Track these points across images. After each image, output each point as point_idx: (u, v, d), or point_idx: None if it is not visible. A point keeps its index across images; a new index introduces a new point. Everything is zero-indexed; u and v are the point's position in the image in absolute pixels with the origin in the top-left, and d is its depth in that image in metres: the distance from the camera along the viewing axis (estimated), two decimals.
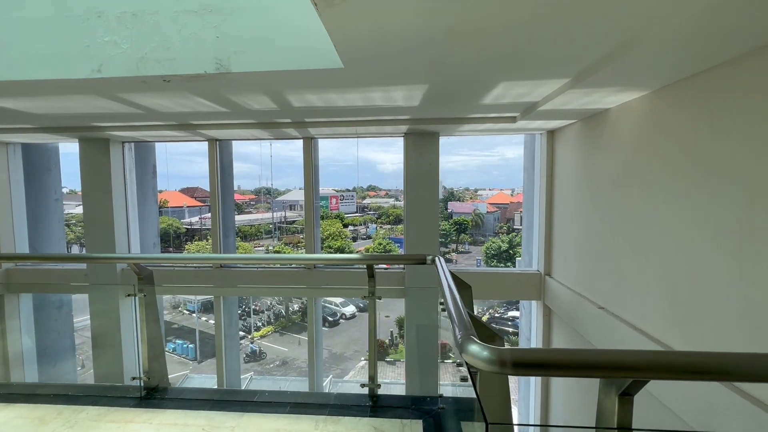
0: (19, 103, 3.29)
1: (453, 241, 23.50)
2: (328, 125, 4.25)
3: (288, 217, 25.13)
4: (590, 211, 3.56)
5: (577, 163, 3.89)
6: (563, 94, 2.83)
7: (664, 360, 0.72)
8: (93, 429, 1.87)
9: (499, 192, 27.17)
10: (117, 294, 2.26)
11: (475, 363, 0.80)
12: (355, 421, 1.92)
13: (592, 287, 3.54)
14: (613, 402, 0.86)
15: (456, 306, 1.09)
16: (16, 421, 1.93)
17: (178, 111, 3.54)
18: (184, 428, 1.88)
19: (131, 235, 5.35)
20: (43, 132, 4.48)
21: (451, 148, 37.68)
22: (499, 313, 18.07)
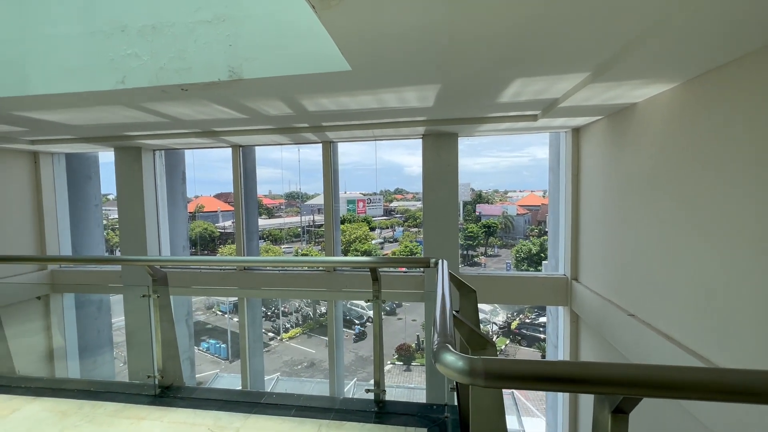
0: (58, 116, 3.53)
1: (481, 245, 23.00)
2: (345, 128, 4.27)
3: (316, 221, 25.56)
4: (619, 211, 3.35)
5: (604, 162, 3.68)
6: (584, 89, 2.69)
7: (654, 376, 0.64)
8: (109, 424, 1.95)
9: (530, 193, 26.33)
10: (138, 295, 2.35)
11: (447, 373, 0.75)
12: (359, 426, 1.88)
13: (622, 293, 3.32)
14: (606, 419, 0.78)
15: (442, 311, 1.03)
16: (41, 414, 2.06)
17: (200, 119, 3.68)
18: (192, 427, 1.92)
19: (162, 238, 5.61)
20: (82, 142, 4.80)
21: (480, 150, 36.93)
22: (529, 319, 17.45)
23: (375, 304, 2.07)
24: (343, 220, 22.63)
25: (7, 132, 4.21)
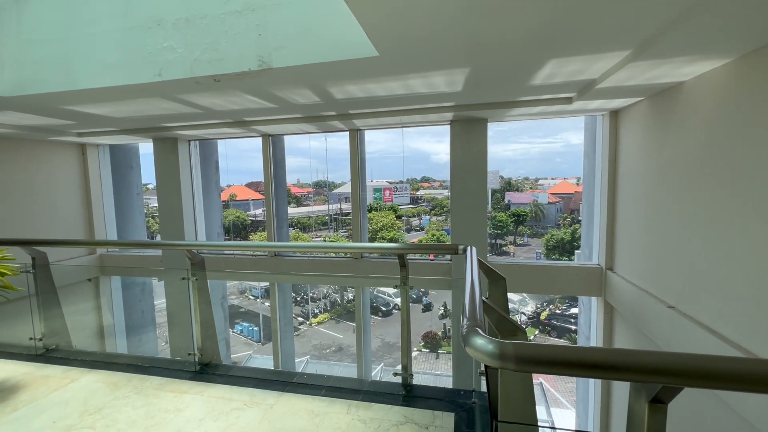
0: (101, 109, 3.73)
1: (510, 233, 22.49)
2: (372, 116, 4.25)
3: (343, 209, 25.84)
4: (660, 198, 3.17)
5: (644, 146, 3.47)
6: (625, 68, 2.53)
7: (699, 365, 0.61)
8: (154, 396, 2.11)
9: (563, 181, 25.36)
10: (178, 278, 2.50)
11: (476, 356, 0.74)
12: (387, 408, 1.93)
13: (661, 284, 3.16)
14: (643, 409, 0.75)
15: (471, 296, 1.03)
16: (95, 384, 2.25)
17: (231, 108, 3.78)
18: (230, 402, 2.04)
19: (198, 225, 5.88)
20: (124, 134, 5.06)
21: (509, 136, 35.58)
22: (560, 310, 17.01)
23: (402, 290, 2.09)
24: (370, 208, 22.76)
25: (58, 125, 4.50)
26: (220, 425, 1.85)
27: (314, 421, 1.85)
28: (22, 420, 1.94)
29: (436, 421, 1.83)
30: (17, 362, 2.60)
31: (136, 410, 1.99)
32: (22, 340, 2.83)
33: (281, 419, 1.88)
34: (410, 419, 1.85)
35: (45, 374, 2.42)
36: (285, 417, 1.90)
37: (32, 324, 2.84)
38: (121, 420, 1.92)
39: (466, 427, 1.79)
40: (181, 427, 1.85)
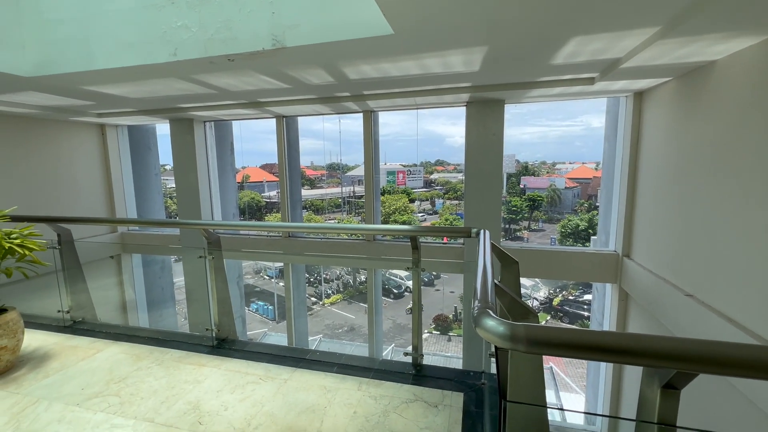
0: (119, 89, 3.78)
1: (525, 219, 22.18)
2: (386, 97, 4.19)
3: (356, 192, 25.84)
4: (683, 183, 3.06)
5: (670, 129, 3.34)
6: (653, 47, 2.41)
7: (715, 352, 0.60)
8: (174, 368, 2.20)
9: (581, 165, 24.69)
10: (195, 256, 2.57)
11: (487, 337, 0.75)
12: (397, 386, 1.97)
13: (679, 271, 3.09)
14: (655, 394, 0.75)
15: (483, 278, 1.02)
16: (119, 355, 2.36)
17: (246, 89, 3.77)
18: (246, 376, 2.12)
19: (214, 206, 5.98)
20: (141, 114, 5.12)
21: (527, 118, 34.55)
22: (573, 296, 16.87)
23: (414, 272, 2.10)
24: (383, 191, 22.70)
25: (78, 106, 4.58)
26: (236, 397, 1.93)
27: (326, 396, 1.91)
28: (54, 386, 2.06)
29: (446, 400, 1.86)
30: (47, 333, 2.75)
31: (158, 380, 2.09)
32: (51, 312, 2.98)
33: (295, 393, 1.95)
34: (420, 397, 1.89)
35: (73, 344, 2.55)
36: (298, 391, 1.97)
37: (60, 297, 2.98)
38: (144, 389, 2.02)
39: (474, 407, 1.82)
40: (200, 397, 1.94)
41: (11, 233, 2.30)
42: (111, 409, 1.86)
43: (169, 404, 1.88)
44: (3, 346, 2.16)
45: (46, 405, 1.89)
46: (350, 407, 1.82)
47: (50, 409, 1.86)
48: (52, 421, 1.77)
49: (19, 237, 2.30)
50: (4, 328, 2.16)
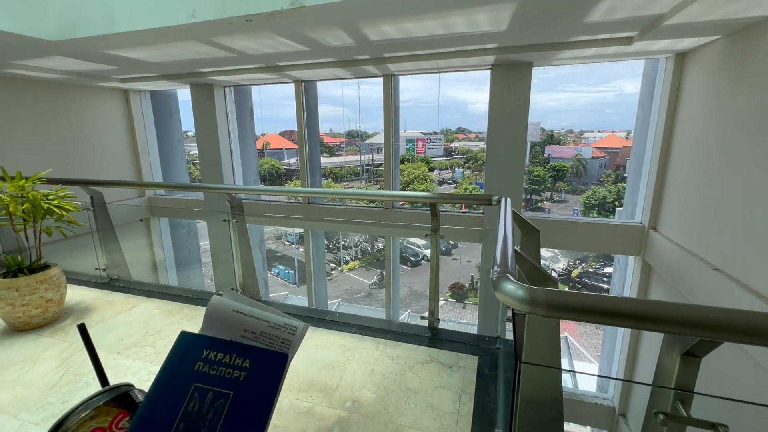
0: (140, 53, 3.78)
1: (547, 189, 21.61)
2: (407, 60, 4.04)
3: (375, 159, 25.65)
4: (723, 153, 2.88)
5: (713, 94, 3.11)
6: (701, 0, 2.20)
7: (739, 320, 0.58)
8: None
9: (611, 134, 23.55)
10: (219, 220, 2.65)
11: (506, 301, 0.75)
12: (413, 348, 2.04)
13: (708, 245, 2.99)
14: (674, 361, 0.75)
15: (503, 244, 1.02)
16: (154, 311, 2.53)
17: (264, 52, 3.71)
18: None
19: (235, 172, 6.09)
20: (162, 79, 5.14)
21: (555, 83, 32.55)
22: (593, 268, 16.67)
23: (433, 239, 2.11)
24: (402, 159, 22.43)
25: (102, 70, 4.63)
26: None
27: (345, 354, 2.00)
28: (96, 336, 2.23)
29: (460, 362, 1.92)
30: (87, 288, 2.95)
31: None
32: (89, 270, 3.18)
33: (315, 351, 2.05)
34: (435, 359, 1.95)
35: (110, 300, 2.73)
36: (319, 349, 2.06)
37: (96, 256, 3.16)
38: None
39: (489, 369, 1.88)
40: None
41: (48, 194, 2.42)
42: (148, 357, 2.01)
43: None
44: (49, 299, 2.34)
45: None
46: (368, 365, 1.91)
47: None
48: None
49: (56, 198, 2.42)
50: (49, 282, 2.33)
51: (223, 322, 0.35)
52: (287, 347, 0.35)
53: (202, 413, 0.31)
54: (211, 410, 0.31)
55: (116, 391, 0.38)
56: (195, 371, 0.33)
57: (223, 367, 0.33)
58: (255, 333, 0.35)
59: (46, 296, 2.32)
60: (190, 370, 0.33)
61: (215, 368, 0.33)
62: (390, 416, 1.58)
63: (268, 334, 0.36)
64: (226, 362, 0.33)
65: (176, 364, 0.33)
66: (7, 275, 2.29)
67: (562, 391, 1.19)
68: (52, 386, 1.79)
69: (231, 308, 0.36)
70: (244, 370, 0.33)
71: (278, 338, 0.35)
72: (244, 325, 0.36)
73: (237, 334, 0.35)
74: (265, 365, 0.34)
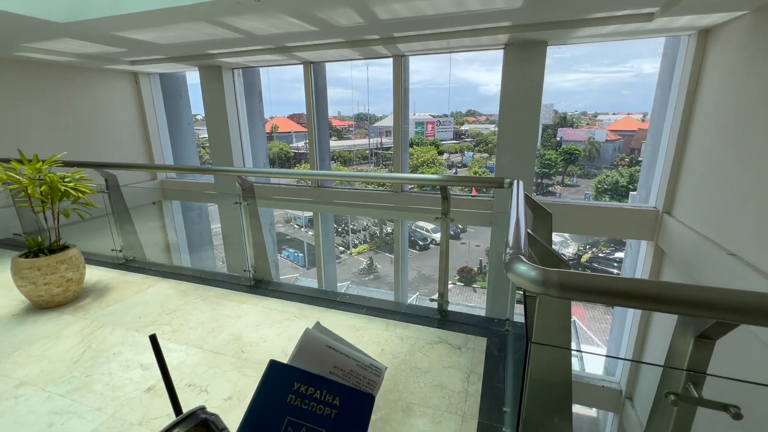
0: (149, 34, 3.75)
1: (559, 173, 21.25)
2: (418, 39, 3.95)
3: (384, 143, 25.44)
4: (747, 135, 2.78)
5: (738, 73, 2.98)
6: None
7: (758, 302, 0.58)
8: (217, 304, 2.41)
9: (626, 116, 22.90)
10: (230, 202, 2.68)
11: (518, 282, 0.75)
12: (422, 329, 2.07)
13: (725, 230, 2.93)
14: (688, 343, 0.75)
15: (516, 226, 1.01)
16: (168, 291, 2.60)
17: (273, 33, 3.65)
18: (281, 313, 2.28)
19: (245, 155, 6.10)
20: (171, 61, 5.12)
21: (570, 64, 31.46)
22: (603, 253, 16.53)
23: (443, 222, 2.10)
24: (411, 143, 22.20)
25: (111, 53, 4.62)
26: (274, 331, 2.10)
27: (356, 334, 2.04)
28: (115, 314, 2.31)
29: (469, 344, 1.94)
30: (105, 269, 3.04)
31: (204, 314, 2.30)
32: (105, 251, 3.26)
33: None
34: (444, 340, 1.98)
35: (127, 279, 2.81)
36: (330, 329, 2.11)
37: (112, 238, 3.24)
38: (191, 320, 2.23)
39: (497, 351, 1.90)
40: (241, 329, 2.13)
41: (65, 177, 2.47)
42: (165, 336, 2.08)
43: (215, 334, 2.08)
44: (69, 278, 2.41)
45: (110, 329, 2.14)
46: (378, 345, 1.95)
47: (114, 333, 2.10)
48: (117, 343, 2.01)
49: (71, 181, 2.47)
50: (68, 262, 2.40)
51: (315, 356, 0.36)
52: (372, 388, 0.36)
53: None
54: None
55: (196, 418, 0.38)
56: (288, 403, 0.33)
57: (314, 403, 0.34)
58: (344, 371, 0.36)
59: (66, 276, 2.39)
60: (283, 401, 0.33)
61: (307, 403, 0.33)
62: (400, 394, 1.62)
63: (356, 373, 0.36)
64: (317, 398, 0.34)
65: (269, 395, 0.34)
66: (29, 255, 2.36)
67: (572, 373, 1.20)
68: (75, 361, 1.87)
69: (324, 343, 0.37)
70: (335, 407, 0.34)
71: (365, 378, 0.36)
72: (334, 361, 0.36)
73: (326, 369, 0.35)
74: (354, 405, 0.34)
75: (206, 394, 1.62)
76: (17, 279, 2.30)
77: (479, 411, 1.53)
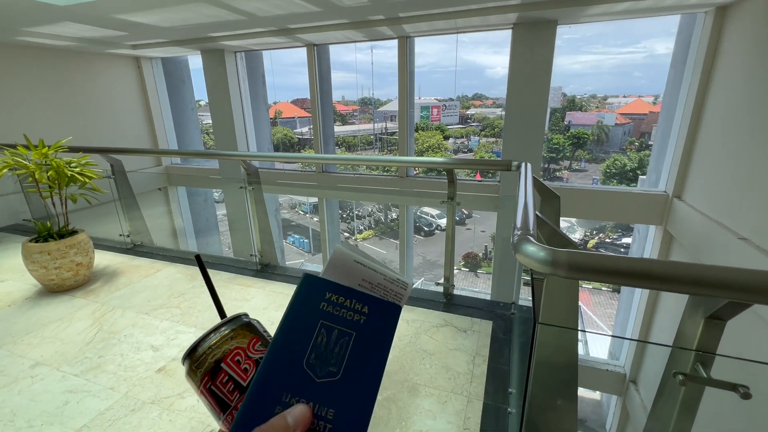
0: (150, 17, 3.70)
1: (566, 158, 20.95)
2: (424, 19, 3.85)
3: (389, 128, 25.18)
4: (764, 119, 2.71)
5: (756, 52, 2.87)
6: None
7: (764, 281, 0.56)
8: (225, 288, 2.44)
9: (637, 99, 22.36)
10: (236, 187, 2.68)
11: (527, 263, 0.74)
12: (428, 312, 2.08)
13: (736, 214, 2.88)
14: (698, 324, 0.74)
15: (524, 208, 1.00)
16: (176, 275, 2.63)
17: (275, 14, 3.58)
18: (288, 297, 2.29)
19: (249, 140, 6.08)
20: (173, 45, 5.06)
21: (580, 45, 30.54)
22: (610, 239, 16.42)
23: (449, 206, 2.09)
24: (416, 127, 21.96)
25: (112, 36, 4.57)
26: (281, 314, 2.12)
27: None
28: (125, 297, 2.35)
29: (474, 327, 1.95)
30: (113, 253, 3.07)
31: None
32: (114, 236, 3.30)
33: None
34: (450, 323, 1.99)
35: (136, 264, 2.85)
36: None
37: (120, 223, 3.27)
38: (199, 303, 2.26)
39: (503, 334, 1.90)
40: (249, 312, 2.15)
41: (71, 162, 2.48)
42: (174, 318, 2.11)
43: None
44: (79, 263, 2.45)
45: (121, 312, 2.18)
46: None
47: (125, 315, 2.14)
48: (128, 325, 2.05)
49: (78, 166, 2.48)
50: (77, 247, 2.44)
51: (344, 270, 0.39)
52: (398, 300, 0.39)
53: (330, 346, 0.36)
54: (337, 345, 0.36)
55: (241, 320, 0.45)
56: (321, 309, 0.37)
57: (344, 310, 0.37)
58: (372, 284, 0.39)
59: (76, 260, 2.43)
60: (316, 308, 0.37)
61: (338, 309, 0.37)
62: (406, 375, 1.64)
63: (383, 286, 0.39)
64: (347, 305, 0.38)
65: (303, 301, 0.38)
66: (39, 240, 2.39)
67: (578, 356, 1.20)
68: (88, 342, 1.91)
69: (352, 258, 0.40)
70: (364, 314, 0.38)
71: (392, 291, 0.39)
72: (362, 275, 0.39)
73: (355, 282, 0.39)
74: (382, 313, 0.38)
75: None
76: (28, 263, 2.34)
77: (485, 392, 1.54)
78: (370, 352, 0.37)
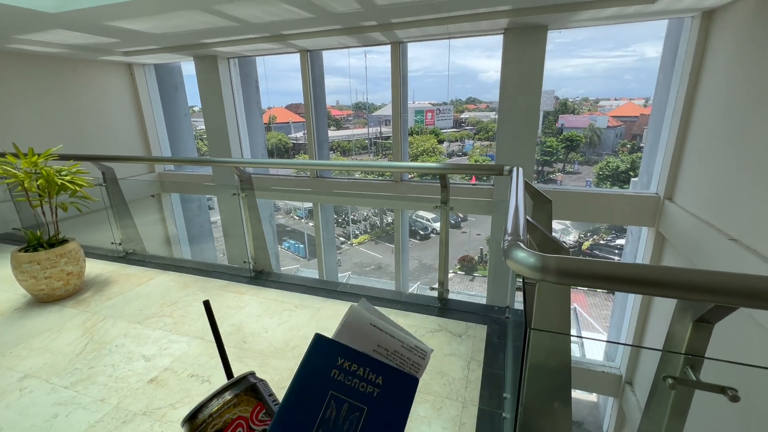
0: (143, 24, 3.69)
1: (560, 160, 21.13)
2: (416, 25, 3.88)
3: (383, 132, 25.25)
4: (749, 119, 2.75)
5: (742, 56, 2.93)
6: None
7: (756, 285, 0.57)
8: (218, 295, 2.42)
9: (628, 102, 22.65)
10: (229, 194, 2.67)
11: (517, 269, 0.75)
12: (423, 317, 2.08)
13: (726, 215, 2.92)
14: (686, 327, 0.74)
15: (515, 213, 1.00)
16: (169, 283, 2.61)
17: (268, 20, 3.59)
18: (282, 304, 2.29)
19: (243, 146, 6.06)
20: (166, 51, 5.05)
21: (571, 49, 30.97)
22: (605, 241, 16.54)
23: (443, 210, 2.09)
24: (411, 132, 22.02)
25: (104, 44, 4.56)
26: (275, 321, 2.11)
27: None
28: (116, 306, 2.32)
29: (469, 331, 1.95)
30: (105, 262, 3.04)
31: None
32: (105, 244, 3.27)
33: (327, 320, 2.10)
34: (444, 328, 1.99)
35: (128, 272, 2.82)
36: (330, 318, 2.12)
37: (112, 231, 3.23)
38: (192, 312, 2.24)
39: (497, 338, 1.91)
40: (242, 320, 2.14)
41: (61, 170, 2.45)
42: (167, 327, 2.09)
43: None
44: (70, 272, 2.42)
45: (112, 322, 2.15)
46: None
47: (116, 325, 2.12)
48: (119, 335, 2.02)
49: (68, 174, 2.46)
50: (68, 256, 2.41)
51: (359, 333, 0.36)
52: (416, 371, 0.36)
53: (338, 423, 0.33)
54: (347, 422, 0.33)
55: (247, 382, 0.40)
56: (331, 378, 0.34)
57: (357, 380, 0.34)
58: (388, 351, 0.36)
59: (67, 269, 2.40)
60: (326, 376, 0.34)
61: (350, 379, 0.34)
62: None
63: (400, 354, 0.36)
64: (360, 375, 0.34)
65: (313, 368, 0.34)
66: (28, 249, 2.36)
67: (571, 359, 1.20)
68: (78, 353, 1.88)
69: (368, 321, 0.37)
70: (377, 386, 0.34)
71: (409, 360, 0.36)
72: (378, 340, 0.36)
73: (370, 348, 0.36)
74: (397, 386, 0.35)
75: (209, 384, 1.64)
76: (18, 273, 2.30)
77: (479, 397, 1.54)
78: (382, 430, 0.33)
